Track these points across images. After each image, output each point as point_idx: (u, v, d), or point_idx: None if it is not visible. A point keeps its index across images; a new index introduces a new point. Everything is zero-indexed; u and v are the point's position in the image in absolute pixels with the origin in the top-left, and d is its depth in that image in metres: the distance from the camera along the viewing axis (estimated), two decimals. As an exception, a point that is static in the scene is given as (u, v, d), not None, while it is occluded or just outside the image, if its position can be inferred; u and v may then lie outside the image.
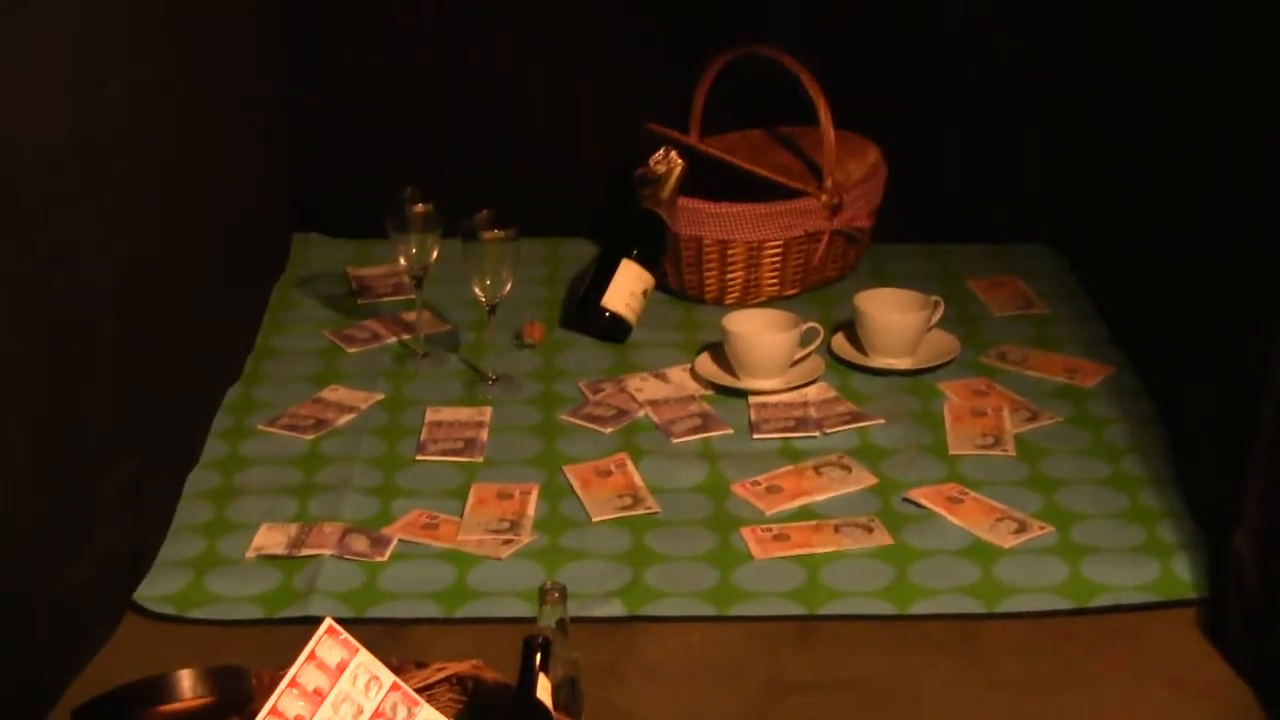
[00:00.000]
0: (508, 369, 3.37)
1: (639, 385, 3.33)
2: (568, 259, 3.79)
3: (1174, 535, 2.86)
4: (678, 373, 3.37)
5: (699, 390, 3.32)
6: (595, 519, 2.95)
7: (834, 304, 3.58)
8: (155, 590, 2.78)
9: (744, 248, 3.54)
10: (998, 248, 3.84)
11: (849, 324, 3.43)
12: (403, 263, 3.35)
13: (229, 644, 2.64)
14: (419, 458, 3.12)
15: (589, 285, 3.52)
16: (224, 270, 3.33)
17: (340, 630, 2.18)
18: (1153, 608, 2.72)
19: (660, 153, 3.52)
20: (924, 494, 2.98)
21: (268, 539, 2.89)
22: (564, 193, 3.82)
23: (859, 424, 3.19)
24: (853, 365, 3.38)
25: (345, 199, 3.87)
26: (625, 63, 3.76)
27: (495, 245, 3.19)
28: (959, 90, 3.74)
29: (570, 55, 3.78)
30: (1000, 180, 3.79)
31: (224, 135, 3.34)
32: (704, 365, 3.35)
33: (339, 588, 2.77)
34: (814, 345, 3.33)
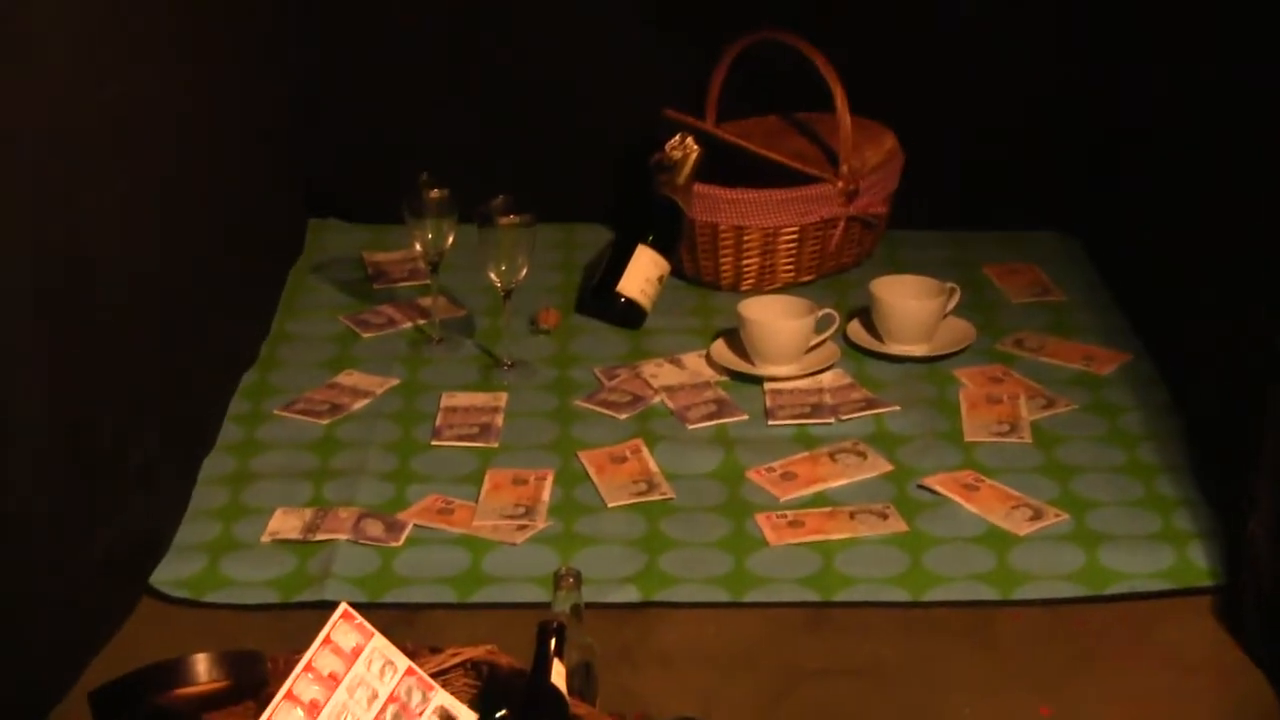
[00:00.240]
0: (523, 354, 3.37)
1: (654, 371, 3.33)
2: (583, 244, 3.79)
3: (1189, 522, 2.86)
4: (693, 359, 3.37)
5: (714, 376, 3.31)
6: (610, 505, 2.95)
7: (850, 290, 3.57)
8: (171, 574, 2.78)
9: (759, 234, 3.54)
10: (1014, 235, 3.83)
11: (865, 310, 3.43)
12: (418, 248, 3.35)
13: (244, 628, 2.64)
14: (434, 443, 3.12)
15: (604, 271, 3.52)
16: (240, 255, 3.33)
17: (355, 615, 2.18)
18: (1168, 595, 2.72)
19: (676, 139, 3.52)
20: (939, 481, 2.98)
21: (283, 524, 2.89)
22: (580, 178, 3.82)
23: (874, 410, 3.19)
24: (868, 352, 3.37)
25: (361, 184, 3.87)
26: (642, 48, 3.76)
27: (511, 231, 3.19)
28: (976, 76, 3.73)
29: (587, 41, 3.77)
30: (1017, 167, 3.78)
31: (240, 120, 3.34)
32: (719, 351, 3.35)
33: (354, 572, 2.78)
34: (829, 332, 3.33)
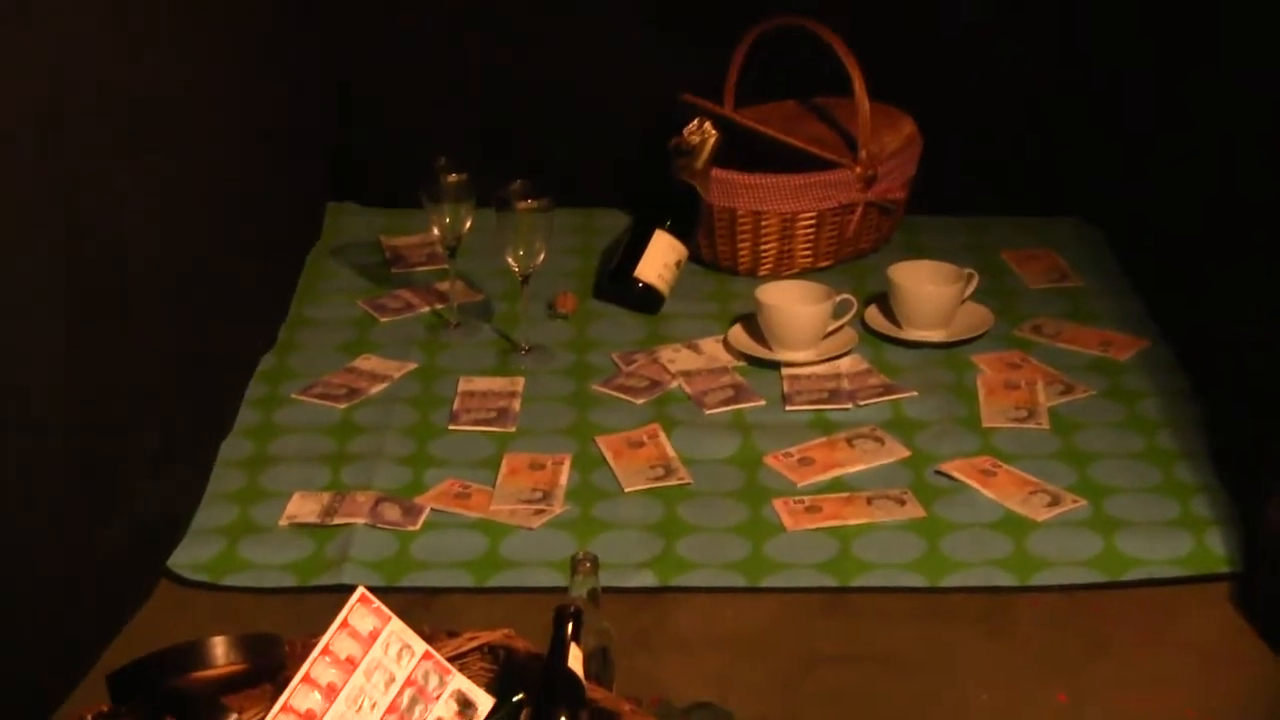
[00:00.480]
0: (540, 339, 3.37)
1: (671, 356, 3.33)
2: (601, 229, 3.79)
3: (1207, 509, 2.86)
4: (710, 344, 3.37)
5: (731, 362, 3.31)
6: (627, 489, 2.95)
7: (867, 276, 3.57)
8: (189, 557, 2.79)
9: (778, 219, 3.53)
10: (1032, 220, 3.83)
11: (882, 296, 3.42)
12: (436, 232, 3.35)
13: (262, 611, 2.65)
14: (451, 427, 3.13)
15: (622, 256, 3.52)
16: (258, 239, 3.33)
17: (373, 599, 2.18)
18: (1185, 582, 2.72)
19: (694, 123, 3.51)
20: (957, 467, 2.98)
21: (300, 507, 2.90)
22: (598, 163, 3.82)
23: (892, 396, 3.19)
24: (886, 337, 3.37)
25: (379, 168, 3.87)
26: (660, 33, 3.75)
27: (529, 215, 3.19)
28: (996, 60, 3.72)
29: (605, 25, 3.77)
30: (1035, 152, 3.78)
31: (259, 104, 3.34)
32: (737, 337, 3.35)
33: (371, 556, 2.78)
34: (847, 317, 3.33)
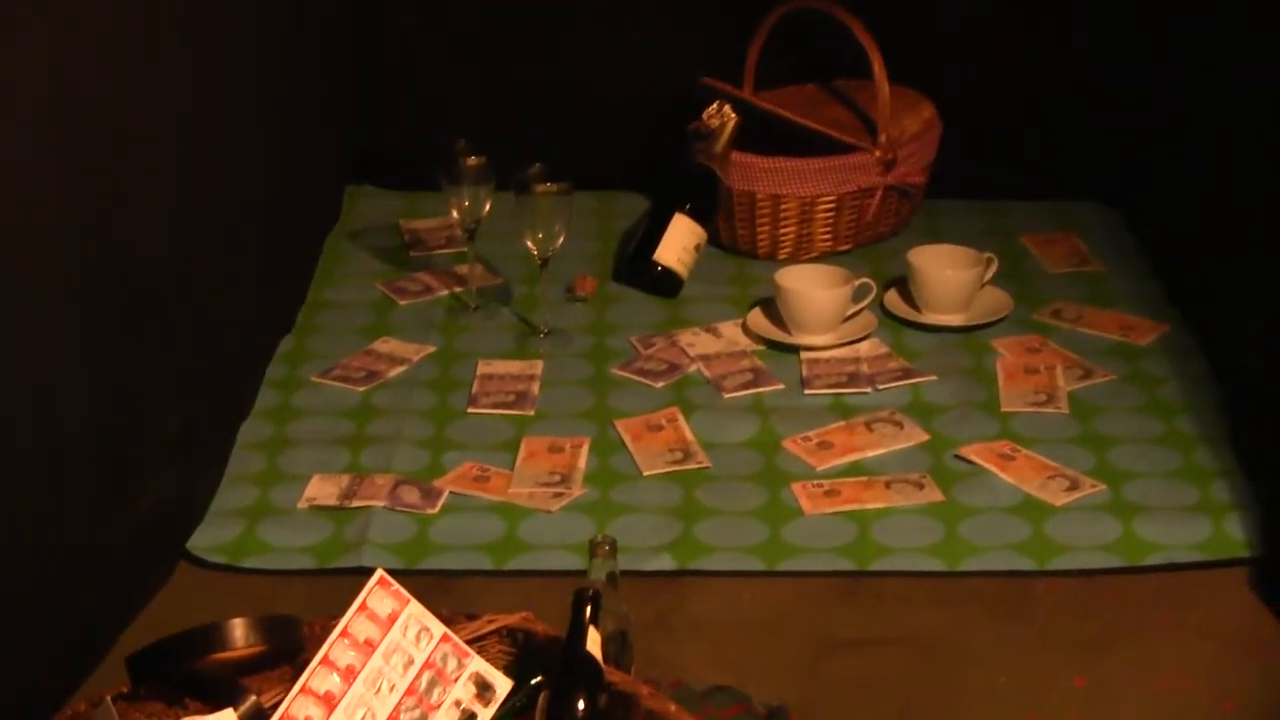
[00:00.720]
0: (559, 322, 3.37)
1: (690, 340, 3.33)
2: (620, 213, 3.79)
3: (1227, 494, 2.85)
4: (729, 328, 3.37)
5: (750, 345, 3.31)
6: (646, 473, 2.95)
7: (887, 260, 3.57)
8: (208, 540, 2.79)
9: (797, 203, 3.53)
10: (1052, 204, 3.82)
11: (901, 280, 3.42)
12: (455, 215, 3.35)
13: (281, 594, 2.66)
14: (470, 410, 3.13)
15: (641, 239, 3.52)
16: (277, 222, 3.33)
17: (391, 581, 2.19)
18: (1204, 566, 2.71)
19: (714, 107, 3.51)
20: (975, 451, 2.98)
21: (319, 490, 2.90)
22: (617, 146, 3.81)
23: (911, 380, 3.19)
24: (905, 321, 3.37)
25: (398, 151, 3.87)
26: (679, 16, 3.75)
27: (548, 198, 3.19)
28: (1015, 44, 3.71)
29: (626, 8, 3.76)
30: (1055, 136, 3.77)
31: (278, 87, 3.35)
32: (756, 320, 3.35)
33: (390, 539, 2.78)
34: (866, 301, 3.33)
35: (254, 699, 2.10)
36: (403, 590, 2.19)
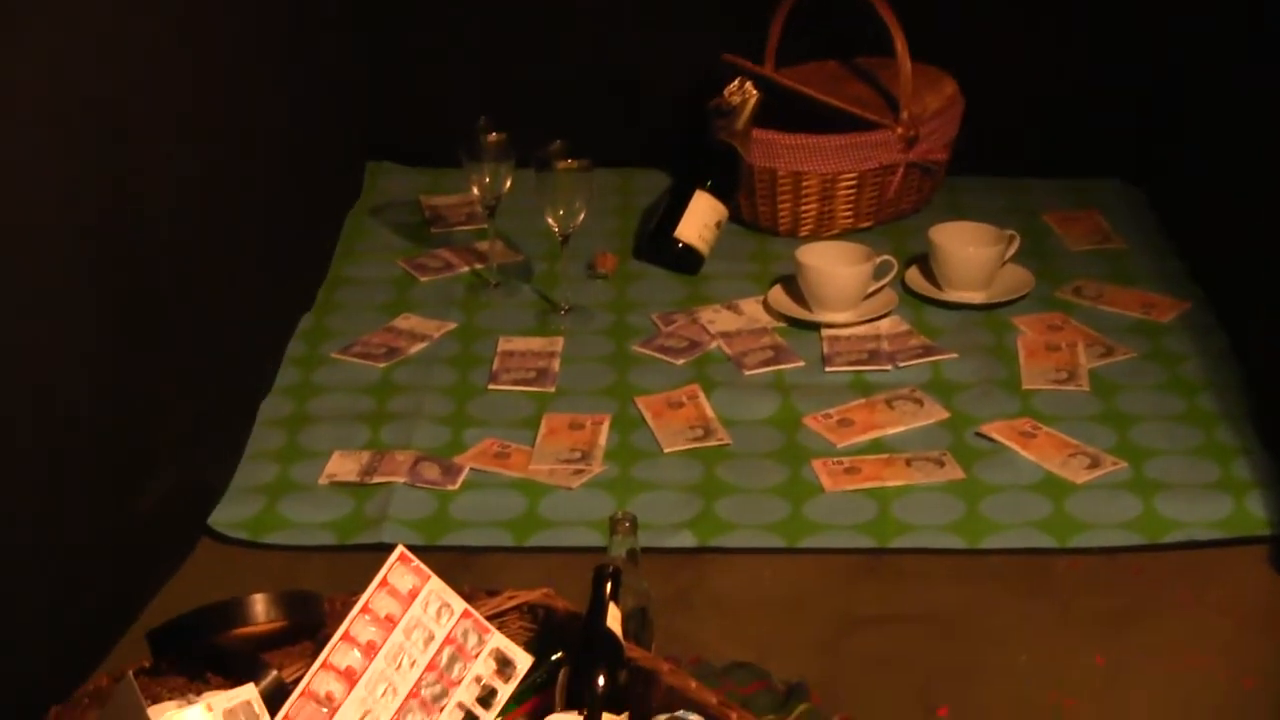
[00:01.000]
0: (580, 299, 3.37)
1: (711, 317, 3.33)
2: (641, 189, 3.78)
3: (1248, 472, 2.85)
4: (750, 305, 3.37)
5: (771, 323, 3.31)
6: (666, 450, 2.95)
7: (908, 237, 3.56)
8: (229, 516, 2.80)
9: (818, 180, 3.52)
10: (1074, 182, 3.81)
11: (923, 257, 3.42)
12: (476, 192, 3.35)
13: (301, 569, 2.66)
14: (491, 387, 3.13)
15: (662, 216, 3.52)
16: (298, 198, 3.33)
17: (412, 557, 2.19)
18: (1225, 544, 2.71)
19: (735, 84, 3.50)
20: (996, 428, 2.97)
21: (340, 466, 2.90)
22: (638, 123, 3.81)
23: (932, 358, 3.18)
24: (926, 299, 3.36)
25: (419, 127, 3.87)
26: (701, -8, 3.75)
27: (568, 175, 3.19)
28: (1038, 21, 3.70)
29: (646, -15, 3.77)
30: (1079, 114, 3.76)
31: (298, 63, 3.34)
32: (776, 297, 3.34)
33: (411, 515, 2.79)
34: (887, 278, 3.32)
35: (275, 674, 2.10)
36: (423, 566, 2.20)
